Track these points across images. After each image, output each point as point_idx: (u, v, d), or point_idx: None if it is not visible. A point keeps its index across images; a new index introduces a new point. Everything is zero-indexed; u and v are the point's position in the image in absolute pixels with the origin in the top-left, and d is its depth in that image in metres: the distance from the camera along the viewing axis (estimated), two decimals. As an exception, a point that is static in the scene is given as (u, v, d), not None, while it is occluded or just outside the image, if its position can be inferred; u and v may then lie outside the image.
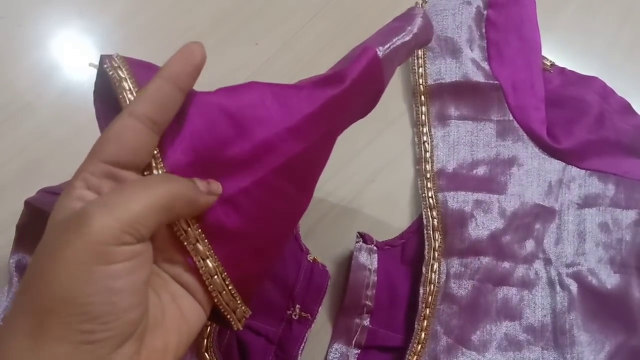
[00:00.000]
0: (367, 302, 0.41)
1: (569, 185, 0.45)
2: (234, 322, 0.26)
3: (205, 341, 0.35)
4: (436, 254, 0.41)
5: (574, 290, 0.42)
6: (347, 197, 0.45)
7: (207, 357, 0.36)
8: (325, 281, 0.42)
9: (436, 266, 0.41)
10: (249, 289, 0.27)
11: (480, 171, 0.44)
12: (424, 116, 0.46)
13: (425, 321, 0.40)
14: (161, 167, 0.23)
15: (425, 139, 0.45)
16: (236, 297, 0.26)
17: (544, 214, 0.44)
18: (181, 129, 0.24)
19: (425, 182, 0.44)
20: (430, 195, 0.43)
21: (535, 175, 0.44)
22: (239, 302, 0.26)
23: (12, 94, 0.46)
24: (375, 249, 0.43)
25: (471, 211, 0.42)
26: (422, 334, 0.39)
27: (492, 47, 0.47)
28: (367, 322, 0.42)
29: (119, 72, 0.24)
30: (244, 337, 0.39)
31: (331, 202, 0.45)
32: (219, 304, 0.25)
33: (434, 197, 0.43)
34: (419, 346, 0.39)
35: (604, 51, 0.51)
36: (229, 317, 0.26)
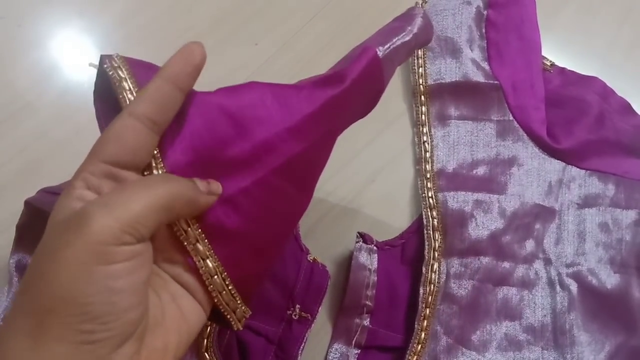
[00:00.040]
0: (367, 302, 0.41)
1: (569, 185, 0.45)
2: (234, 322, 0.26)
3: (205, 341, 0.35)
4: (436, 254, 0.41)
5: (574, 290, 0.42)
6: (347, 197, 0.45)
7: (207, 357, 0.36)
8: (325, 281, 0.42)
9: (436, 266, 0.41)
10: (249, 289, 0.27)
11: (480, 171, 0.44)
12: (424, 116, 0.46)
13: (425, 321, 0.40)
14: (161, 167, 0.23)
15: (425, 139, 0.45)
16: (236, 297, 0.26)
17: (544, 214, 0.44)
18: (181, 129, 0.24)
19: (425, 182, 0.44)
20: (430, 195, 0.43)
21: (535, 175, 0.44)
22: (239, 302, 0.26)
23: (12, 94, 0.46)
24: (375, 249, 0.43)
25: (471, 211, 0.42)
26: (422, 334, 0.39)
27: (492, 47, 0.47)
28: (367, 322, 0.42)
29: (119, 72, 0.24)
30: (244, 337, 0.39)
31: (331, 202, 0.45)
32: (219, 304, 0.25)
33: (434, 197, 0.43)
34: (419, 346, 0.39)
35: (604, 51, 0.51)
36: (229, 317, 0.26)
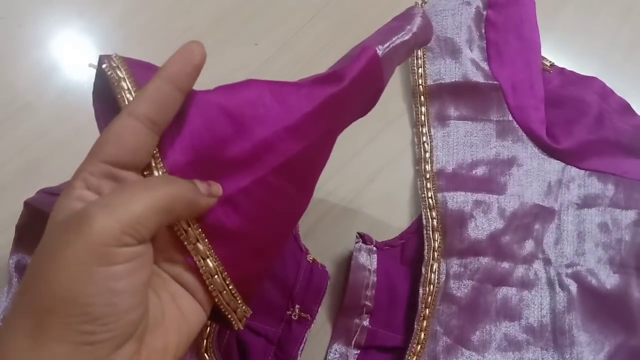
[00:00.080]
0: (366, 303, 0.41)
1: (569, 185, 0.45)
2: (234, 322, 0.26)
3: (204, 342, 0.35)
4: (436, 254, 0.41)
5: (573, 290, 0.42)
6: (347, 197, 0.45)
7: (207, 357, 0.36)
8: (324, 281, 0.42)
9: (436, 266, 0.41)
10: (250, 289, 0.27)
11: (479, 171, 0.44)
12: (423, 116, 0.46)
13: (424, 321, 0.40)
14: (161, 166, 0.23)
15: (424, 139, 0.45)
16: (237, 296, 0.26)
17: (544, 214, 0.44)
18: (180, 129, 0.24)
19: (424, 183, 0.44)
20: (429, 195, 0.43)
21: (534, 175, 0.44)
22: (240, 301, 0.26)
23: (12, 94, 0.46)
24: (374, 249, 0.43)
25: (471, 211, 0.42)
26: (422, 334, 0.39)
27: (491, 47, 0.47)
28: (366, 322, 0.42)
29: (118, 72, 0.23)
30: (244, 338, 0.39)
31: (331, 202, 0.45)
32: (219, 303, 0.25)
33: (433, 197, 0.43)
34: (419, 346, 0.39)
35: (604, 51, 0.51)
36: (229, 317, 0.26)
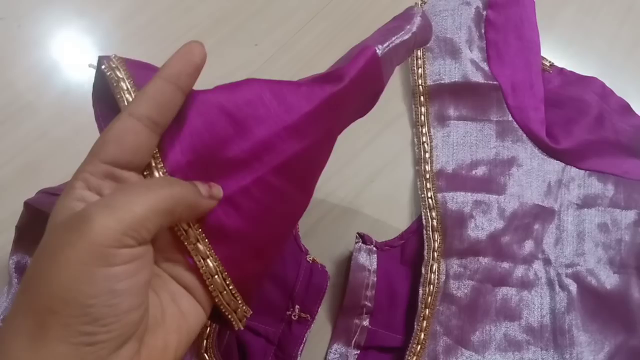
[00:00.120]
0: (366, 303, 0.41)
1: (568, 185, 0.45)
2: (234, 322, 0.26)
3: (205, 342, 0.35)
4: (435, 254, 0.41)
5: (573, 290, 0.42)
6: (347, 197, 0.45)
7: (207, 357, 0.36)
8: (324, 282, 0.42)
9: (435, 267, 0.41)
10: (250, 289, 0.27)
11: (479, 172, 0.44)
12: (423, 117, 0.46)
13: (424, 322, 0.40)
14: (161, 167, 0.23)
15: (424, 139, 0.45)
16: (237, 296, 0.26)
17: (544, 214, 0.44)
18: (180, 129, 0.24)
19: (424, 183, 0.44)
20: (429, 195, 0.43)
21: (534, 175, 0.44)
22: (240, 301, 0.26)
23: (12, 94, 0.46)
24: (374, 249, 0.43)
25: (470, 212, 0.42)
26: (422, 335, 0.39)
27: (491, 47, 0.47)
28: (366, 322, 0.42)
29: (117, 72, 0.23)
30: (244, 338, 0.39)
31: (331, 202, 0.45)
32: (219, 304, 0.25)
33: (433, 197, 0.43)
34: (419, 347, 0.39)
35: (604, 51, 0.51)
36: (229, 317, 0.26)
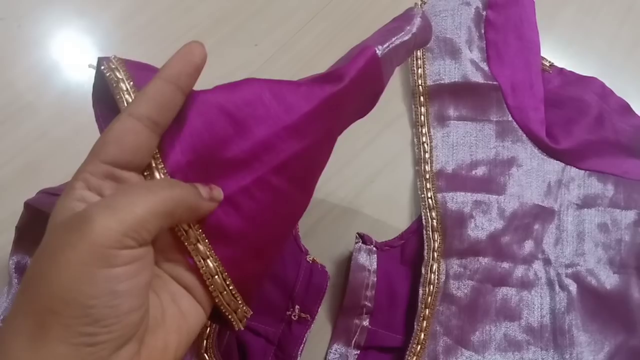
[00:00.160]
0: (366, 303, 0.41)
1: (568, 185, 0.45)
2: (235, 322, 0.26)
3: (205, 342, 0.35)
4: (435, 254, 0.41)
5: (573, 290, 0.42)
6: (347, 197, 0.45)
7: (207, 358, 0.36)
8: (324, 282, 0.42)
9: (435, 267, 0.41)
10: (250, 289, 0.27)
11: (479, 172, 0.44)
12: (423, 117, 0.46)
13: (424, 322, 0.40)
14: (161, 167, 0.23)
15: (424, 139, 0.45)
16: (237, 297, 0.26)
17: (543, 214, 0.44)
18: (180, 129, 0.24)
19: (424, 183, 0.44)
20: (429, 195, 0.43)
21: (534, 175, 0.44)
22: (240, 302, 0.26)
23: (12, 94, 0.46)
24: (374, 249, 0.43)
25: (470, 212, 0.42)
26: (422, 335, 0.39)
27: (491, 47, 0.47)
28: (366, 322, 0.42)
29: (117, 73, 0.24)
30: (244, 338, 0.40)
31: (331, 202, 0.45)
32: (220, 304, 0.25)
33: (433, 197, 0.43)
34: (419, 347, 0.39)
35: (604, 51, 0.51)
36: (230, 317, 0.26)
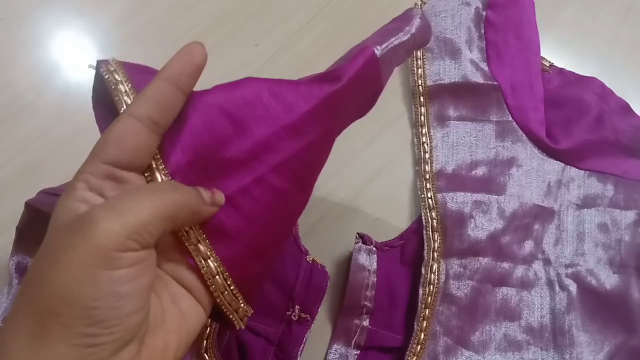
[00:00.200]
0: (366, 303, 0.41)
1: (568, 185, 0.45)
2: (236, 322, 0.26)
3: (205, 342, 0.35)
4: (435, 254, 0.41)
5: (573, 290, 0.42)
6: (347, 197, 0.45)
7: (207, 358, 0.36)
8: (324, 282, 0.42)
9: (435, 267, 0.41)
10: (251, 288, 0.27)
11: (479, 172, 0.44)
12: (423, 117, 0.46)
13: (424, 322, 0.40)
14: (162, 167, 0.23)
15: (424, 139, 0.45)
16: (238, 296, 0.26)
17: (543, 214, 0.44)
18: (180, 129, 0.24)
19: (424, 183, 0.44)
20: (429, 196, 0.43)
21: (534, 175, 0.44)
22: (241, 301, 0.26)
23: (12, 94, 0.46)
24: (374, 249, 0.43)
25: (470, 212, 0.42)
26: (422, 335, 0.39)
27: (491, 47, 0.47)
28: (366, 322, 0.42)
29: (115, 75, 0.24)
30: (244, 338, 0.40)
31: (331, 202, 0.45)
32: (221, 304, 0.25)
33: (433, 197, 0.43)
34: (419, 347, 0.39)
35: (604, 51, 0.51)
36: (231, 317, 0.26)
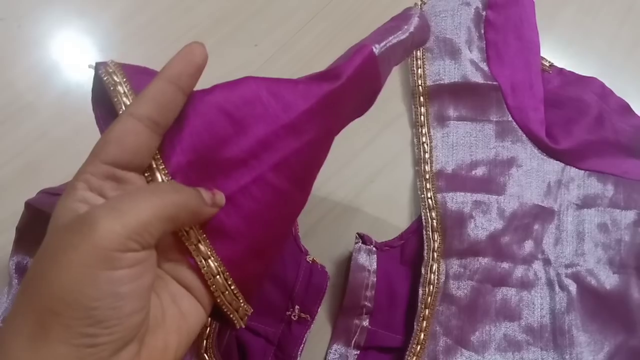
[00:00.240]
0: (366, 303, 0.41)
1: (568, 185, 0.45)
2: (236, 321, 0.26)
3: (204, 342, 0.35)
4: (435, 254, 0.41)
5: (573, 290, 0.42)
6: (347, 197, 0.45)
7: (207, 357, 0.36)
8: (324, 282, 0.42)
9: (435, 267, 0.41)
10: (251, 288, 0.27)
11: (479, 172, 0.44)
12: (423, 117, 0.46)
13: (424, 322, 0.40)
14: (162, 167, 0.23)
15: (424, 139, 0.45)
16: (238, 296, 0.26)
17: (543, 214, 0.44)
18: (180, 129, 0.24)
19: (424, 183, 0.44)
20: (429, 196, 0.43)
21: (534, 175, 0.44)
22: (242, 301, 0.26)
23: (12, 94, 0.46)
24: (374, 249, 0.43)
25: (470, 212, 0.42)
26: (422, 335, 0.39)
27: (490, 48, 0.47)
28: (366, 322, 0.42)
29: (114, 76, 0.24)
30: (244, 338, 0.40)
31: (331, 202, 0.45)
32: (221, 303, 0.25)
33: (433, 197, 0.43)
34: (418, 347, 0.39)
35: (604, 51, 0.51)
36: (231, 316, 0.26)
